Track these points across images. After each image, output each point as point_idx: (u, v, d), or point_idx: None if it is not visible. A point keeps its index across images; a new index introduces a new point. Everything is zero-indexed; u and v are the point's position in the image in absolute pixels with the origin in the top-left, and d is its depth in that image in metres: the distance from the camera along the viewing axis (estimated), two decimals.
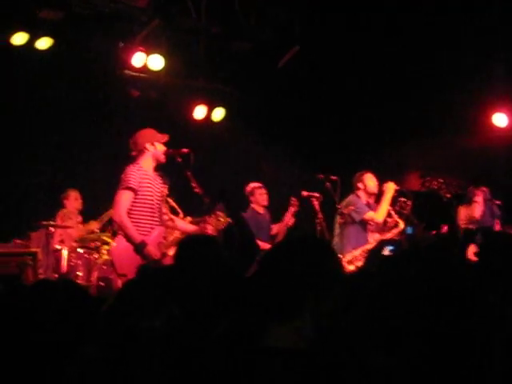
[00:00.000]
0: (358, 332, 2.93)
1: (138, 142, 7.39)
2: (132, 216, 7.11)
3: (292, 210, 10.22)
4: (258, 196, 10.33)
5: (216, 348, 3.02)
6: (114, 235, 7.28)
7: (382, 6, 10.98)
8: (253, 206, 10.32)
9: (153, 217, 7.24)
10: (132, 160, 7.42)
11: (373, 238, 9.42)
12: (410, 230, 9.30)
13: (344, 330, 2.82)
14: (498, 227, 10.25)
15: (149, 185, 7.26)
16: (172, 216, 8.13)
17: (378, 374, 2.69)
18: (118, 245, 7.15)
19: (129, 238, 7.01)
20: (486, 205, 10.37)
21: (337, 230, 9.52)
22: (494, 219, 10.44)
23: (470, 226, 10.06)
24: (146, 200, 7.19)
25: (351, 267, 8.77)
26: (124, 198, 7.08)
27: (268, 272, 2.64)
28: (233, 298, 3.65)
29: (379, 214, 9.47)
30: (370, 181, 9.72)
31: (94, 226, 10.20)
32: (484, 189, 10.43)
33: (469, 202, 10.40)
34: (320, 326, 2.60)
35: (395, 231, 9.62)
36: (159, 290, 3.28)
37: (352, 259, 8.97)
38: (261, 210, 10.36)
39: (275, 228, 10.40)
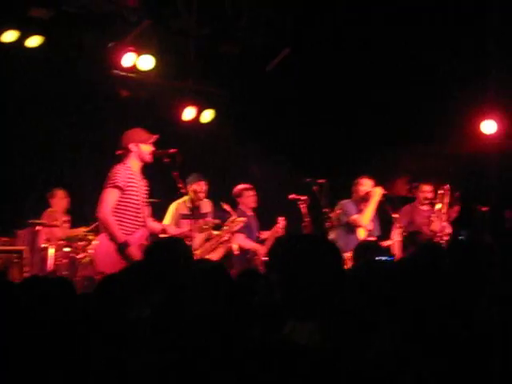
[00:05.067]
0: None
1: (123, 142, 7.40)
2: (116, 215, 7.09)
3: (280, 226, 10.20)
4: (246, 198, 10.32)
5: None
6: (96, 233, 7.27)
7: (376, 10, 11.00)
8: (241, 207, 10.30)
9: (137, 218, 7.22)
10: (120, 159, 7.41)
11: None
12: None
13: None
14: None
15: (135, 185, 7.25)
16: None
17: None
18: (100, 243, 7.18)
19: (112, 237, 7.00)
20: None
21: (329, 234, 9.56)
22: None
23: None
24: (131, 200, 7.18)
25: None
26: (110, 197, 7.07)
27: (286, 271, 2.65)
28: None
29: (364, 218, 9.52)
30: (361, 186, 9.76)
31: (82, 232, 10.11)
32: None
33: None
34: (338, 325, 2.62)
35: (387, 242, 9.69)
36: (141, 281, 3.32)
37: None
38: (249, 212, 10.35)
39: (265, 234, 10.36)
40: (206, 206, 9.62)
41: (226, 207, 9.60)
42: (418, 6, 10.74)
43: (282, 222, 10.21)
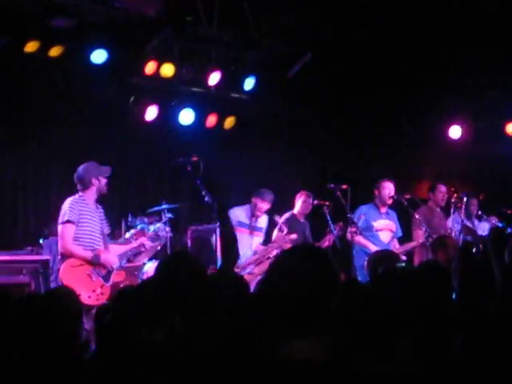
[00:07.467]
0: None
1: (85, 178, 7.71)
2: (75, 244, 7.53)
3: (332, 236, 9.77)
4: (303, 203, 10.30)
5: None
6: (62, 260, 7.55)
7: (394, 17, 10.98)
8: (295, 212, 10.32)
9: (93, 245, 7.65)
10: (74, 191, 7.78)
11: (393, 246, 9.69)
12: None
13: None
14: None
15: (89, 216, 7.64)
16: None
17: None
18: (64, 270, 7.46)
19: (84, 260, 7.48)
20: None
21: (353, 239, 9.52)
22: None
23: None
24: (85, 230, 7.59)
25: None
26: (67, 232, 7.51)
27: (282, 287, 2.61)
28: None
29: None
30: (384, 189, 9.77)
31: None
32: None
33: None
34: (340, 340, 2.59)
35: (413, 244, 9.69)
36: (158, 301, 3.28)
37: None
38: (301, 218, 10.36)
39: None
40: (263, 221, 9.99)
41: (278, 219, 9.66)
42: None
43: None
